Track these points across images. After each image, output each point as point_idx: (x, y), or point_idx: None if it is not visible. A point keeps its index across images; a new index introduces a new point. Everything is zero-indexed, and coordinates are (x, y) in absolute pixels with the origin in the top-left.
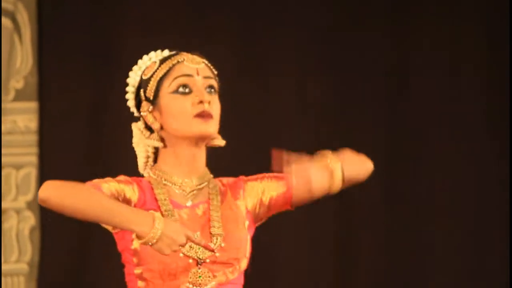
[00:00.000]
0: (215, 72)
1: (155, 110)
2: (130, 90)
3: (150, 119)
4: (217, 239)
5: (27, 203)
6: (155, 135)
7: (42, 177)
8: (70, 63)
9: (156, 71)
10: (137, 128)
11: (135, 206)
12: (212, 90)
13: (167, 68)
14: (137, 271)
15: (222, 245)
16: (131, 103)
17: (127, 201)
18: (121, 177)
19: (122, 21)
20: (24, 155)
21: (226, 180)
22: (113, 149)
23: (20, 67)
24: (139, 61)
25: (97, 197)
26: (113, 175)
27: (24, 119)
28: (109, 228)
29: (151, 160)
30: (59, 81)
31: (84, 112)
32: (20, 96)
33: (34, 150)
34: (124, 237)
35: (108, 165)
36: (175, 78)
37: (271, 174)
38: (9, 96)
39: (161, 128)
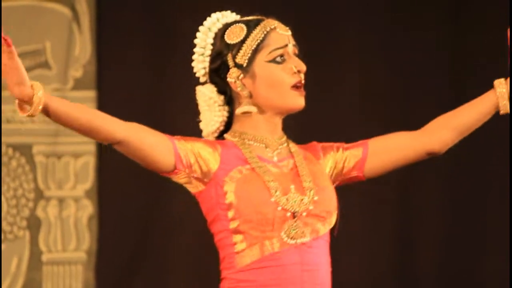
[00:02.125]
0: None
1: (246, 77)
2: (199, 52)
3: (239, 86)
4: (310, 192)
5: (86, 191)
6: (246, 101)
7: (101, 166)
8: (128, 51)
9: (247, 37)
10: (208, 91)
11: (219, 167)
12: (297, 53)
13: (261, 36)
14: (233, 225)
15: (315, 198)
16: (199, 65)
17: (203, 161)
18: (205, 139)
19: (181, 9)
20: (83, 144)
21: (300, 145)
22: (173, 133)
23: (79, 56)
24: (207, 22)
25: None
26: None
27: None
28: (192, 189)
29: (222, 126)
30: (118, 69)
31: (142, 100)
32: (79, 85)
33: None
34: (211, 195)
35: None
36: (274, 49)
37: (345, 143)
38: (68, 85)
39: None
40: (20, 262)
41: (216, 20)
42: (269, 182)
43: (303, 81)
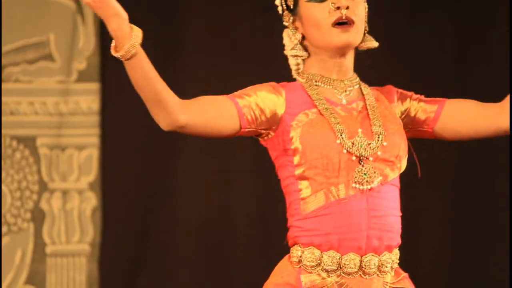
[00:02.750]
0: None
1: (296, 20)
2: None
3: (291, 30)
4: (378, 137)
5: (89, 183)
6: (298, 45)
7: (104, 158)
8: None
9: None
10: (287, 35)
11: (285, 112)
12: None
13: None
14: (298, 171)
15: (384, 143)
16: (280, 10)
17: (268, 109)
18: (269, 84)
19: (187, 4)
20: (87, 136)
21: (375, 87)
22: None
23: (82, 48)
24: None
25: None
26: (178, 155)
27: (86, 100)
28: (261, 140)
29: (301, 66)
30: (121, 62)
31: None
32: (82, 77)
33: (96, 131)
34: (279, 141)
35: (169, 145)
36: None
37: (423, 96)
38: (72, 77)
39: (304, 37)
40: (24, 254)
41: None
42: (335, 124)
43: (345, 17)
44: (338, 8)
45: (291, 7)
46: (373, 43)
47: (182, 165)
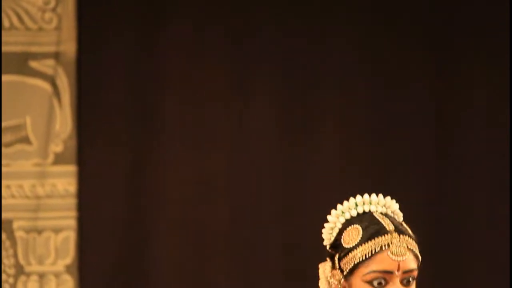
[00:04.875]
0: (418, 255)
1: (346, 283)
2: (327, 231)
3: (338, 286)
4: None
5: (66, 266)
6: None
7: (81, 241)
8: (109, 127)
9: (357, 246)
10: (324, 272)
11: None
12: (411, 279)
13: (368, 252)
14: None
15: None
16: (325, 242)
17: None
18: None
19: (161, 85)
20: (63, 218)
21: None
22: (151, 211)
23: (59, 131)
24: (345, 204)
25: None
26: (153, 236)
27: (63, 182)
28: None
29: None
30: (98, 144)
31: (123, 176)
32: (59, 159)
33: (73, 213)
34: None
35: (146, 228)
36: (374, 271)
37: None
38: (49, 160)
39: None
40: None
41: (354, 205)
42: None
43: None
44: None
45: (345, 272)
46: None
47: (160, 245)
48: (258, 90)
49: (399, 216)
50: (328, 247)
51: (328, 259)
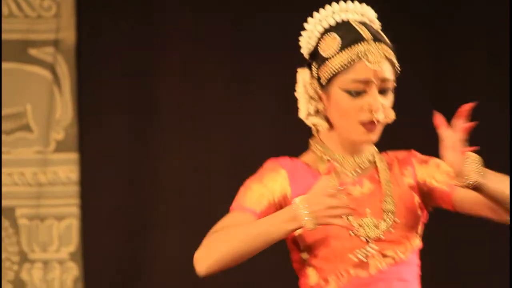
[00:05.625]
0: (396, 64)
1: (323, 93)
2: (304, 39)
3: (315, 96)
4: (388, 215)
5: (70, 254)
6: (320, 114)
7: (84, 228)
8: (109, 114)
9: (335, 55)
10: (302, 78)
11: (291, 192)
12: (387, 90)
13: (346, 61)
14: (304, 256)
15: (395, 221)
16: (303, 51)
17: (282, 196)
18: (268, 166)
19: (161, 72)
20: (66, 206)
21: (394, 153)
22: (153, 198)
23: (60, 118)
24: (322, 12)
25: (240, 234)
26: (157, 226)
27: (65, 170)
28: None
29: (312, 117)
30: (99, 132)
31: (124, 162)
32: (60, 147)
33: (76, 201)
34: None
35: (148, 215)
36: (352, 80)
37: (442, 164)
38: (50, 147)
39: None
40: None
41: (331, 13)
42: None
43: (375, 120)
44: (370, 110)
45: (323, 82)
46: (392, 117)
47: (162, 232)
48: (261, 77)
49: (376, 25)
50: (306, 55)
51: (306, 67)
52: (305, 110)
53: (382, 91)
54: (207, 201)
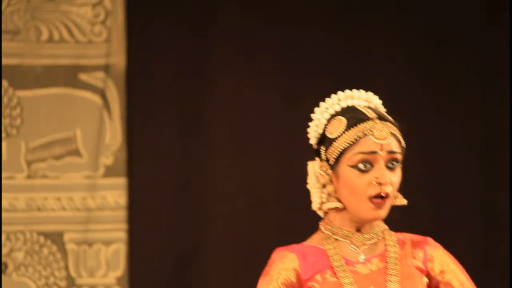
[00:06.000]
0: (402, 141)
1: (333, 174)
2: (312, 128)
3: (326, 179)
4: None
5: (117, 279)
6: (332, 197)
7: (132, 253)
8: (159, 139)
9: (341, 135)
10: (313, 169)
11: (302, 278)
12: (395, 163)
13: (353, 139)
14: None
15: None
16: (312, 141)
17: (294, 276)
18: (276, 258)
19: (212, 96)
20: (114, 231)
21: (410, 235)
22: (202, 224)
23: (109, 143)
24: (327, 102)
25: None
26: (204, 249)
27: (113, 195)
28: None
29: (325, 204)
30: (148, 157)
31: (173, 188)
32: (109, 172)
33: (124, 226)
34: None
35: (197, 241)
36: (358, 153)
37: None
38: (99, 172)
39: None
40: None
41: (337, 101)
42: (347, 285)
43: (384, 193)
44: (379, 183)
45: (331, 162)
46: (402, 201)
47: (211, 257)
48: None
49: (381, 110)
50: (314, 145)
51: (316, 158)
52: (317, 200)
53: (390, 167)
54: (257, 226)
